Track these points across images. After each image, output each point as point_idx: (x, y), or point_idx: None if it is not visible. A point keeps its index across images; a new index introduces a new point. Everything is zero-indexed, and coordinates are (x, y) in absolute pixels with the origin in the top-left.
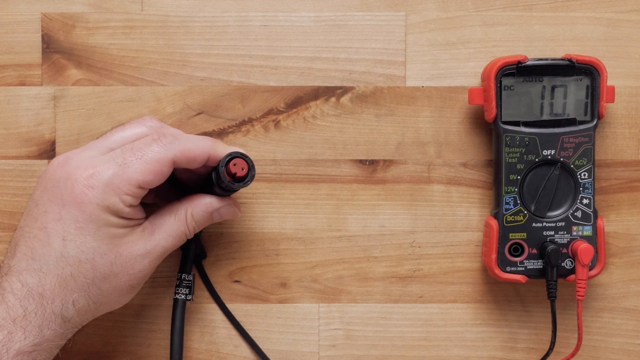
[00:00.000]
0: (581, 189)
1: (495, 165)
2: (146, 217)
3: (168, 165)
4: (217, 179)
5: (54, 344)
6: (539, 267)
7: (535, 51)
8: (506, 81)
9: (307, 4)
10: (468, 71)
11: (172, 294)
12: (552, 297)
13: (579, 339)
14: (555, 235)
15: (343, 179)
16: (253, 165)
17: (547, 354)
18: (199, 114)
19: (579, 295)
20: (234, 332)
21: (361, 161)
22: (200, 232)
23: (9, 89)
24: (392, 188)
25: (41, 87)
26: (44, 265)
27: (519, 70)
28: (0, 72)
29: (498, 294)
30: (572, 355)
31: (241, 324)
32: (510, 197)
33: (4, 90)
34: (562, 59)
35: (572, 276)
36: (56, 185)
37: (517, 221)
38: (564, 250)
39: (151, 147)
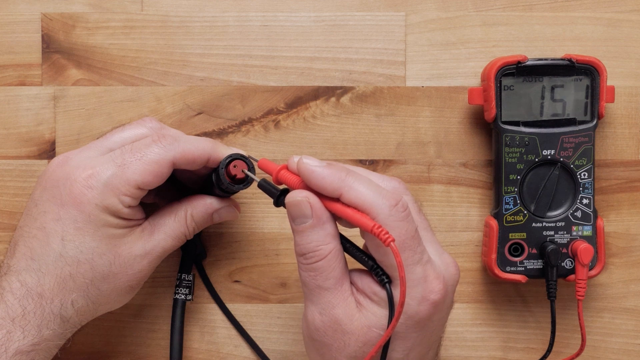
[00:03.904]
0: (581, 189)
1: (495, 165)
2: (146, 218)
3: (167, 166)
4: (217, 180)
5: (53, 344)
6: (538, 267)
7: (535, 51)
8: (506, 81)
9: (307, 4)
10: (468, 71)
11: (172, 294)
12: (552, 297)
13: (583, 340)
14: (555, 235)
15: None
16: (253, 167)
17: (546, 355)
18: (199, 114)
19: (579, 295)
20: (234, 332)
21: (361, 161)
22: (201, 232)
23: (9, 89)
24: None
25: (41, 87)
26: (42, 265)
27: (518, 70)
28: (0, 72)
29: (498, 294)
30: (577, 355)
31: (241, 324)
32: (510, 197)
33: (4, 90)
34: (562, 59)
35: (572, 276)
36: (55, 185)
37: (517, 221)
38: (564, 250)
39: (151, 148)
